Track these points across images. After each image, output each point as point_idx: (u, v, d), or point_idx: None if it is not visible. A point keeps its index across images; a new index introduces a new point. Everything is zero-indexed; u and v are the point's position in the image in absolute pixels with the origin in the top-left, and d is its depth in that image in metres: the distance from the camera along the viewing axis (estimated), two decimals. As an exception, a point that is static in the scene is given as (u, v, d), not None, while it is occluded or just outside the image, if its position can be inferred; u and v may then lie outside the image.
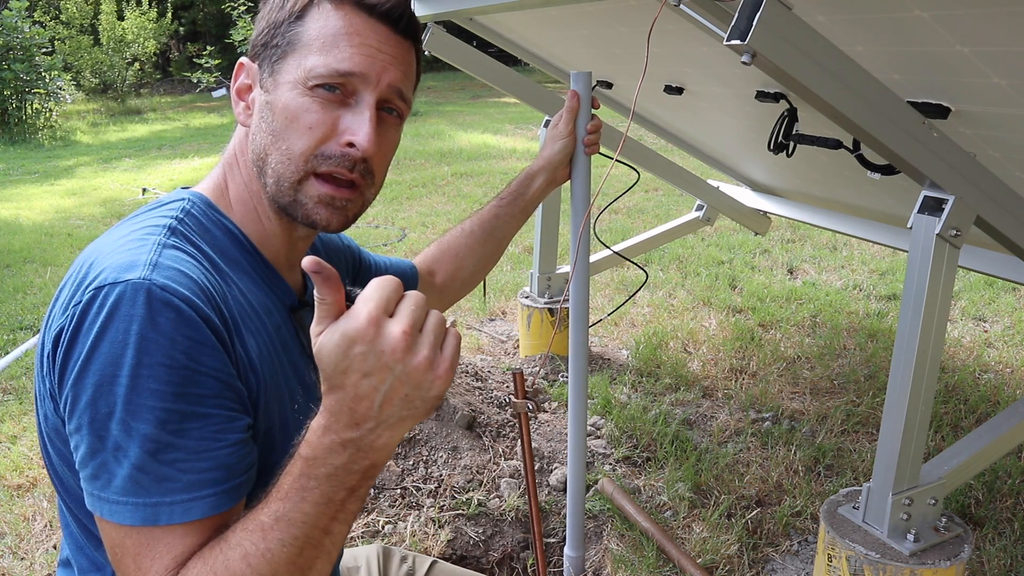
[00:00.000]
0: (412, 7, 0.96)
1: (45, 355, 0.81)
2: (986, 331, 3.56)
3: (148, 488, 0.75)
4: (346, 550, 1.40)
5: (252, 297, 0.92)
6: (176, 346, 0.76)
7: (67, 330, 0.77)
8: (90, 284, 0.77)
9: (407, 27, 0.94)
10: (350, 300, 0.71)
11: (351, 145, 0.89)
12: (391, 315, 0.71)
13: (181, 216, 0.90)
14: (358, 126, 0.89)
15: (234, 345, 0.84)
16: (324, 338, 0.70)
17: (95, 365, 0.75)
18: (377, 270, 1.31)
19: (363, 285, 0.71)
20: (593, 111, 1.53)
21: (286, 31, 0.91)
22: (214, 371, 0.79)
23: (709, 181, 3.35)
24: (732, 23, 1.16)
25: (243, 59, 0.97)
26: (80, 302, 0.77)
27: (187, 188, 0.97)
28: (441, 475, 2.23)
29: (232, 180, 0.97)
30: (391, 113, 0.94)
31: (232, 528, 0.76)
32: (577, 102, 1.49)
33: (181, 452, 0.76)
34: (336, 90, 0.89)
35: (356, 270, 1.27)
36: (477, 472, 2.26)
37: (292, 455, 0.75)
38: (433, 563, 1.42)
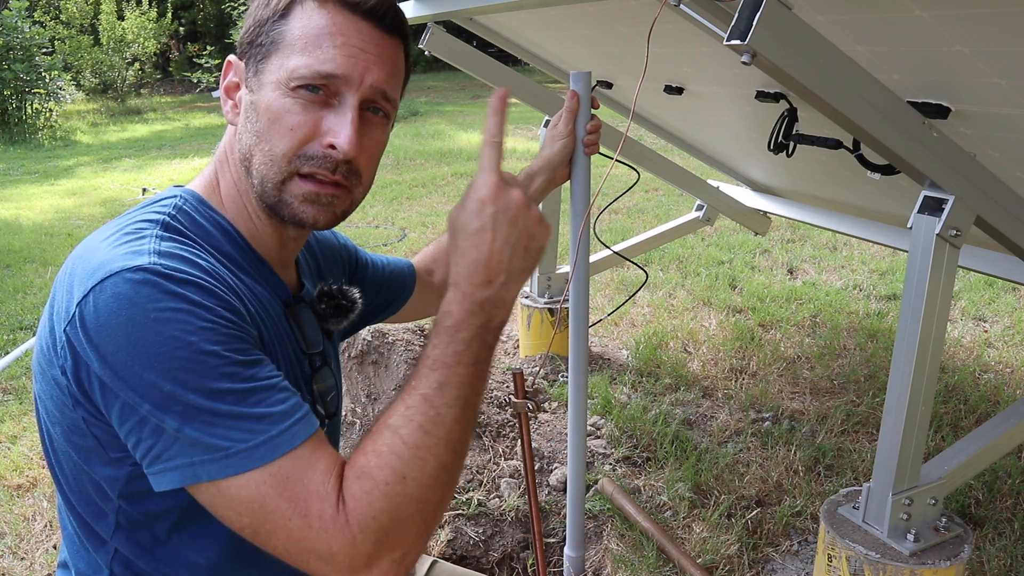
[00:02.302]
0: (406, 5, 0.95)
1: (60, 354, 0.78)
2: (986, 331, 3.56)
3: (253, 430, 0.75)
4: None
5: (252, 289, 0.92)
6: (212, 312, 0.78)
7: (89, 326, 0.75)
8: (97, 277, 0.76)
9: (392, 24, 0.92)
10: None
11: (333, 147, 0.88)
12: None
13: (174, 212, 0.89)
14: (340, 128, 0.88)
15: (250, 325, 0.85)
16: (458, 209, 0.85)
17: (141, 352, 0.74)
18: (374, 269, 1.30)
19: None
20: (593, 111, 1.52)
21: (270, 29, 0.90)
22: (244, 330, 0.82)
23: (709, 181, 3.35)
24: (732, 23, 1.16)
25: (231, 57, 0.96)
26: (87, 296, 0.75)
27: (180, 186, 0.97)
28: (441, 475, 2.23)
29: (223, 178, 0.96)
30: (376, 113, 0.93)
31: (382, 419, 0.80)
32: (577, 102, 1.49)
33: (260, 393, 0.77)
34: (319, 91, 0.88)
35: (352, 269, 1.26)
36: (477, 472, 2.25)
37: (425, 344, 0.82)
38: (433, 563, 1.41)
